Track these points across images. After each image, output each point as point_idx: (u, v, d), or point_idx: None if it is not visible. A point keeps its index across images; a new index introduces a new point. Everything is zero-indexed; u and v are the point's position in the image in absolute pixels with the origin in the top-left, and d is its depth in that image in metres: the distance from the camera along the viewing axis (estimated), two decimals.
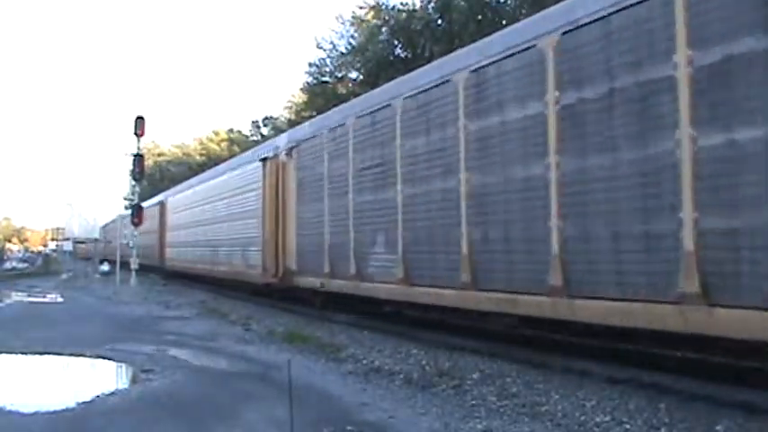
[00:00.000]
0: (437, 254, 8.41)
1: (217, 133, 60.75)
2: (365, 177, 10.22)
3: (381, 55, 25.73)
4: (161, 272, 27.30)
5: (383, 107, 9.81)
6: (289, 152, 13.44)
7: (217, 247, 18.65)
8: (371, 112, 10.15)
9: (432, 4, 24.78)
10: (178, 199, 25.44)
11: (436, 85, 8.57)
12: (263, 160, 14.62)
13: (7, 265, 41.27)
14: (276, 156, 14.09)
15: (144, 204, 30.13)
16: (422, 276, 8.72)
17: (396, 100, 9.48)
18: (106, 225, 43.23)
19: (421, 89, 8.90)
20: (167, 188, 33.62)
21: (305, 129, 13.45)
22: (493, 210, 7.49)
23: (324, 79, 29.99)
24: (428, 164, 8.66)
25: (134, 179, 24.80)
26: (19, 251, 70.41)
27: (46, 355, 9.01)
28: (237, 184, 16.84)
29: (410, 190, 9.01)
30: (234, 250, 16.85)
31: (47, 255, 50.87)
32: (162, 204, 28.31)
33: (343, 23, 28.77)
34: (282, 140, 14.40)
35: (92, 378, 8.05)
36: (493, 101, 7.52)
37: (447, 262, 8.17)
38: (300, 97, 35.97)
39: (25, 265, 43.38)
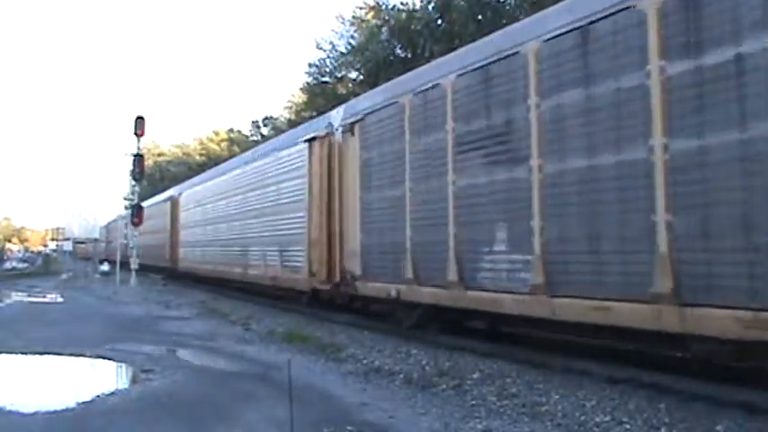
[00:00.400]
0: (605, 254, 6.28)
1: (217, 133, 60.77)
2: (473, 153, 8.02)
3: (381, 55, 25.70)
4: (172, 274, 25.57)
5: (504, 57, 7.59)
6: (349, 128, 10.97)
7: (246, 247, 16.26)
8: (483, 66, 7.96)
9: (432, 4, 24.75)
10: (195, 192, 22.95)
11: (604, 17, 6.32)
12: (310, 141, 12.43)
13: (7, 265, 41.30)
14: (329, 134, 11.85)
15: (150, 201, 29.98)
16: (571, 283, 6.60)
17: (526, 45, 7.27)
18: (107, 225, 43.27)
19: (573, 26, 6.67)
20: (167, 188, 33.00)
21: (372, 97, 10.91)
22: (720, 186, 5.27)
23: (324, 79, 29.99)
24: (587, 128, 6.49)
25: (134, 179, 24.84)
26: (19, 251, 70.48)
27: (46, 355, 9.00)
28: (274, 172, 14.57)
29: (555, 165, 6.81)
30: (269, 250, 14.52)
31: (47, 255, 50.92)
32: (173, 200, 25.94)
33: (343, 23, 28.81)
34: (337, 115, 11.89)
35: (92, 378, 8.04)
36: (729, 26, 5.24)
37: (624, 265, 6.08)
38: (300, 97, 35.99)
39: (25, 265, 43.41)
